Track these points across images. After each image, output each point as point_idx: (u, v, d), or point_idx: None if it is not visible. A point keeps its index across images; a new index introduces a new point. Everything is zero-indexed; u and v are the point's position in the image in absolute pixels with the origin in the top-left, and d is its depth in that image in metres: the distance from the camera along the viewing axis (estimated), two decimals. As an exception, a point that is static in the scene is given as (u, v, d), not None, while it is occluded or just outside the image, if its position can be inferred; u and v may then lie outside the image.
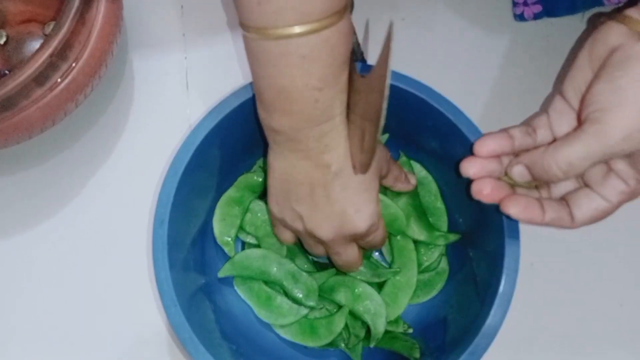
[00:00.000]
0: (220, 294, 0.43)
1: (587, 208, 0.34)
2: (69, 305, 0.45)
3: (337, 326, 0.41)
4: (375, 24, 0.46)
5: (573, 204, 0.34)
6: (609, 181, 0.33)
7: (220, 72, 0.49)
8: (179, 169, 0.38)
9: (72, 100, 0.42)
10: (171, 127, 0.48)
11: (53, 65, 0.40)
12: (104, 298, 0.46)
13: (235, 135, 0.41)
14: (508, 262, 0.37)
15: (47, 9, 0.47)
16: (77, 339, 0.45)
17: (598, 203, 0.33)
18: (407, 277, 0.42)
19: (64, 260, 0.46)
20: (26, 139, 0.43)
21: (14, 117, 0.40)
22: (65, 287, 0.46)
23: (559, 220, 0.34)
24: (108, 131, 0.48)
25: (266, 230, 0.43)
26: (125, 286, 0.46)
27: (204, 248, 0.43)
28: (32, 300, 0.46)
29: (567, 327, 0.45)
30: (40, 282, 0.46)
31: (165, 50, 0.50)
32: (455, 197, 0.44)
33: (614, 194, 0.33)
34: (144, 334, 0.45)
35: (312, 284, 0.42)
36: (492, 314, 0.36)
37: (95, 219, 0.47)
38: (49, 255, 0.46)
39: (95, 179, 0.47)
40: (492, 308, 0.36)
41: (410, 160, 0.44)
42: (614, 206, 0.33)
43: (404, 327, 0.42)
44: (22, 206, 0.47)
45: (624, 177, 0.33)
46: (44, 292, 0.46)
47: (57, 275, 0.46)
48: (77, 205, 0.47)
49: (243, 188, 0.43)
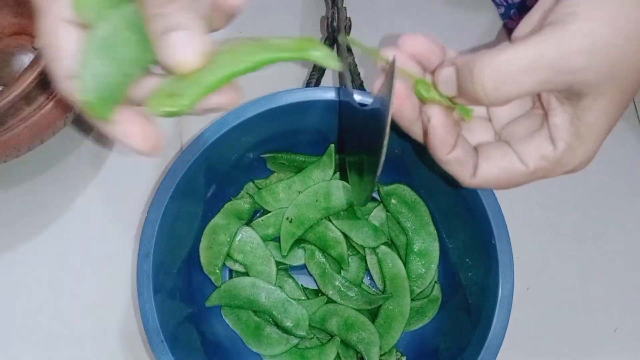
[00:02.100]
0: (208, 324, 0.42)
1: (496, 164, 0.28)
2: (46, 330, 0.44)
3: (329, 356, 0.40)
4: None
5: (482, 155, 0.28)
6: (534, 139, 0.27)
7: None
8: (164, 198, 0.37)
9: (61, 119, 0.41)
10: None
11: (42, 83, 0.39)
12: (87, 319, 0.44)
13: (222, 162, 0.41)
14: (503, 290, 0.36)
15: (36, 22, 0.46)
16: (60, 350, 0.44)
17: (511, 162, 0.28)
18: (400, 306, 0.41)
19: (48, 280, 0.45)
20: (13, 157, 0.42)
21: (2, 136, 0.39)
22: (44, 308, 0.44)
23: (460, 164, 0.28)
24: (97, 148, 0.47)
25: (255, 257, 0.42)
26: (109, 309, 0.44)
27: (190, 277, 0.42)
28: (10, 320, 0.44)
29: (561, 352, 0.45)
30: (22, 301, 0.45)
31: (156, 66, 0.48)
32: (446, 222, 0.43)
33: (534, 157, 0.27)
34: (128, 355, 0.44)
35: (302, 313, 0.41)
36: (487, 346, 0.35)
37: (81, 239, 0.46)
38: (34, 273, 0.45)
39: (84, 197, 0.46)
40: (487, 339, 0.35)
41: (401, 184, 0.44)
42: (527, 173, 0.28)
43: (397, 356, 0.42)
44: (7, 224, 0.46)
45: (555, 138, 0.27)
46: (25, 313, 0.44)
47: (39, 295, 0.45)
48: (63, 223, 0.46)
49: (230, 215, 0.42)
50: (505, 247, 0.36)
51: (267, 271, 0.42)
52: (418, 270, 0.43)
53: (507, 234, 0.36)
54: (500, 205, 0.37)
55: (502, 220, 0.37)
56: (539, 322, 0.45)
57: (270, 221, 0.43)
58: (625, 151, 0.49)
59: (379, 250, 0.43)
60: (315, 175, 0.43)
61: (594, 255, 0.46)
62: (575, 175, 0.47)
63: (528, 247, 0.45)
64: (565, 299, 0.45)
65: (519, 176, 0.28)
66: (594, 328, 0.45)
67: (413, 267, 0.43)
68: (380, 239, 0.43)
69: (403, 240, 0.44)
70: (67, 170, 0.47)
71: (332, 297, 0.42)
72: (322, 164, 0.43)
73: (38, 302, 0.45)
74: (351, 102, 0.35)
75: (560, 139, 0.27)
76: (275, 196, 0.43)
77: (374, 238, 0.43)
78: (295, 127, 0.41)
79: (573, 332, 0.45)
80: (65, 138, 0.46)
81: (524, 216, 0.46)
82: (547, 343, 0.45)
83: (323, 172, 0.43)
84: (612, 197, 0.48)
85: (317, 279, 0.43)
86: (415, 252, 0.43)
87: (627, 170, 0.48)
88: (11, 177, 0.46)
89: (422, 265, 0.43)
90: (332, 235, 0.43)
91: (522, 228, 0.38)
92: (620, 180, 0.48)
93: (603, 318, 0.45)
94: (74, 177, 0.47)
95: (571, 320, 0.45)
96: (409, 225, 0.44)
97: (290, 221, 0.42)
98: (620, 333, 0.45)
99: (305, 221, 0.42)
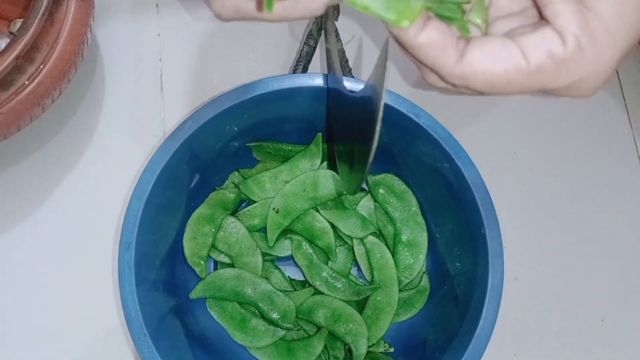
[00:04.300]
0: (193, 316, 0.41)
1: (492, 51, 0.23)
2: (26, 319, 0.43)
3: (316, 348, 0.40)
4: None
5: (475, 42, 0.23)
6: (541, 31, 0.23)
7: (197, 74, 0.47)
8: (146, 187, 0.36)
9: (39, 105, 0.39)
10: (145, 131, 0.46)
11: (19, 68, 0.37)
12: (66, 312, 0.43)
13: (206, 150, 0.39)
14: (492, 280, 0.35)
15: (13, 5, 0.44)
16: (35, 354, 0.42)
17: (510, 53, 0.23)
18: (388, 297, 0.41)
19: (28, 267, 0.44)
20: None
21: None
22: (24, 298, 0.43)
23: (437, 49, 0.23)
24: (77, 135, 0.46)
25: (240, 248, 0.41)
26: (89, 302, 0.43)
27: (173, 268, 0.41)
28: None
29: (549, 342, 0.44)
30: (2, 287, 0.43)
31: (138, 51, 0.47)
32: (434, 212, 0.42)
33: (539, 51, 0.23)
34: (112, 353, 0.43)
35: (289, 305, 0.40)
36: (476, 336, 0.35)
37: (61, 228, 0.44)
38: (14, 261, 0.44)
39: (63, 185, 0.45)
40: (476, 330, 0.35)
41: (389, 174, 0.43)
42: (526, 72, 0.23)
43: (385, 347, 0.41)
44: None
45: (563, 32, 0.23)
46: (6, 297, 0.43)
47: (15, 284, 0.43)
48: (40, 214, 0.44)
49: (214, 205, 0.41)
50: (495, 236, 0.36)
51: (253, 262, 0.41)
52: (406, 261, 0.42)
53: (497, 223, 0.36)
54: (490, 194, 0.36)
55: (492, 209, 0.36)
56: (527, 312, 0.45)
57: (256, 211, 0.42)
58: (613, 137, 0.49)
59: (366, 241, 0.42)
60: (302, 164, 0.42)
61: (582, 245, 0.46)
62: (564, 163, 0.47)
63: (515, 237, 0.44)
64: (553, 289, 0.45)
65: (516, 73, 0.23)
66: (582, 318, 0.45)
67: (401, 258, 0.42)
68: (368, 229, 0.42)
69: (391, 231, 0.43)
70: (45, 159, 0.45)
71: (320, 288, 0.41)
72: (310, 153, 0.42)
73: (15, 294, 0.43)
74: (341, 89, 0.34)
75: (569, 33, 0.22)
76: (262, 186, 0.42)
77: (362, 228, 0.42)
78: (281, 115, 0.41)
79: (561, 322, 0.45)
80: (43, 125, 0.45)
81: (511, 206, 0.46)
82: (535, 333, 0.45)
83: (310, 162, 0.42)
84: (601, 187, 0.48)
85: (304, 270, 0.42)
86: (403, 242, 0.43)
87: (615, 159, 0.48)
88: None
89: (410, 256, 0.42)
90: (320, 225, 0.42)
91: (508, 218, 0.38)
92: (609, 169, 0.48)
93: (591, 308, 0.45)
94: (52, 166, 0.45)
95: (559, 310, 0.45)
96: (397, 215, 0.43)
97: (276, 211, 0.41)
98: (607, 322, 0.45)
99: (292, 211, 0.41)
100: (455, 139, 0.37)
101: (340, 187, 0.41)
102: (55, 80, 0.39)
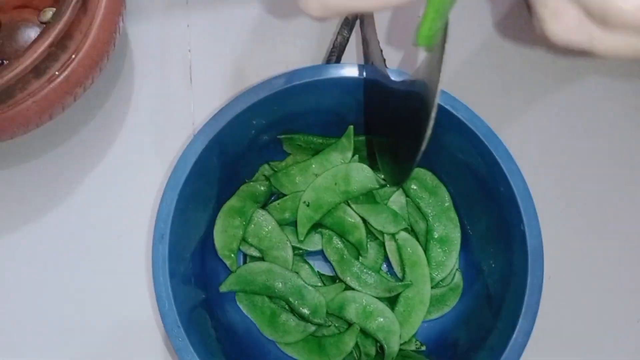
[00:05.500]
0: (222, 310, 0.41)
1: None
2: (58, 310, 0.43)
3: (348, 345, 0.39)
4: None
5: None
6: None
7: (226, 65, 0.46)
8: (179, 179, 0.36)
9: (71, 94, 0.39)
10: (174, 124, 0.45)
11: (52, 56, 0.37)
12: (98, 300, 0.43)
13: (237, 142, 0.39)
14: (532, 279, 0.35)
15: (43, -5, 0.44)
16: (68, 344, 0.42)
17: None
18: (420, 294, 0.40)
19: (56, 260, 0.43)
20: (21, 133, 0.40)
21: (10, 111, 0.37)
22: (57, 288, 0.43)
23: None
24: (106, 127, 0.45)
25: (270, 242, 0.41)
26: (121, 289, 0.43)
27: (204, 261, 0.40)
28: (19, 299, 0.43)
29: (582, 342, 0.44)
30: (30, 282, 0.43)
31: (167, 42, 0.47)
32: (468, 208, 0.42)
33: None
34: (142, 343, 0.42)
35: (319, 300, 0.40)
36: (514, 340, 0.34)
37: (91, 218, 0.44)
38: (42, 254, 0.43)
39: (93, 176, 0.45)
40: (515, 329, 0.34)
41: (422, 168, 0.42)
42: None
43: (417, 345, 0.40)
44: (15, 203, 0.44)
45: None
46: (35, 292, 0.43)
47: (48, 276, 0.43)
48: (72, 203, 0.44)
49: (245, 197, 0.41)
50: (535, 233, 0.35)
51: (284, 256, 0.41)
52: (438, 258, 0.42)
53: (537, 220, 0.35)
54: (529, 189, 0.35)
55: (532, 205, 0.35)
56: (560, 312, 0.44)
57: (286, 205, 0.41)
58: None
59: (398, 237, 0.41)
60: (333, 157, 0.41)
61: (617, 244, 0.45)
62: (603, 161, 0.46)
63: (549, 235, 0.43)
64: (587, 289, 0.44)
65: None
66: (617, 319, 0.44)
67: (433, 254, 0.42)
68: (400, 225, 0.41)
69: (423, 227, 0.42)
70: (76, 149, 0.45)
71: (350, 283, 0.41)
72: (341, 146, 0.41)
73: (49, 283, 0.43)
74: (383, 80, 0.33)
75: None
76: (292, 179, 0.42)
77: (393, 224, 0.41)
78: (312, 107, 0.40)
79: (595, 323, 0.44)
80: (75, 114, 0.45)
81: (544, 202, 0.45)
82: (568, 333, 0.44)
83: (342, 155, 0.41)
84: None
85: (334, 265, 0.41)
86: (435, 238, 0.42)
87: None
88: (19, 155, 0.45)
89: (442, 253, 0.42)
90: (351, 220, 0.41)
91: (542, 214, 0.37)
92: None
93: (626, 309, 0.44)
94: (84, 155, 0.45)
95: (593, 310, 0.44)
96: (429, 211, 0.42)
97: (307, 205, 0.41)
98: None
99: (323, 205, 0.41)
100: (495, 133, 0.36)
101: (372, 182, 0.40)
102: (88, 69, 0.39)
